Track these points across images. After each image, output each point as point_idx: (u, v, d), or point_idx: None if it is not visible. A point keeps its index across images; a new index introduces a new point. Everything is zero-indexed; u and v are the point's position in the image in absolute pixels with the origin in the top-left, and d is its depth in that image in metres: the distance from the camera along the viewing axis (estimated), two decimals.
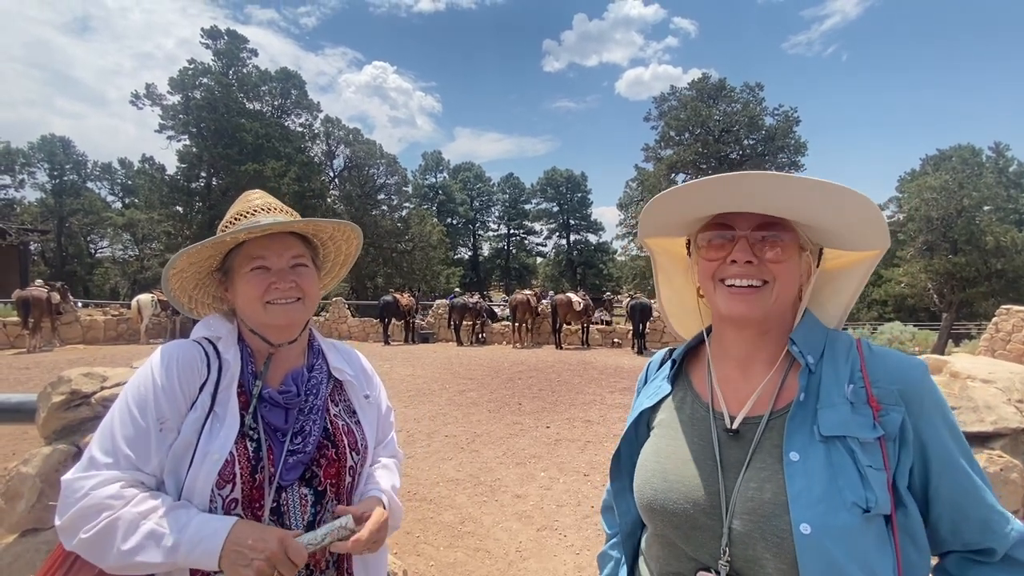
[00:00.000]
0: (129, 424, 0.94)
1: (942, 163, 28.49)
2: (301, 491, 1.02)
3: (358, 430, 1.15)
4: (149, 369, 1.00)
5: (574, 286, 33.73)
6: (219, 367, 1.02)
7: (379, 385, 1.28)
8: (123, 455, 0.92)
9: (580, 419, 6.52)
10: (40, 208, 37.80)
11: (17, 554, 1.62)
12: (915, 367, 0.77)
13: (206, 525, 0.89)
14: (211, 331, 1.07)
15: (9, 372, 9.26)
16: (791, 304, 0.84)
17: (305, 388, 1.09)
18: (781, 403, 0.80)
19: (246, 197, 1.15)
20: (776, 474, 0.73)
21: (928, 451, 0.74)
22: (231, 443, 0.96)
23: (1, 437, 5.24)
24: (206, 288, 1.18)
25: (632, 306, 13.55)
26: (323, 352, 1.19)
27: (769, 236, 0.80)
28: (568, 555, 3.27)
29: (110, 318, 15.07)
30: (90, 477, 0.90)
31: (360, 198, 35.41)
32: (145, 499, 0.90)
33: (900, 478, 0.72)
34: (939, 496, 0.74)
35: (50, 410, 1.67)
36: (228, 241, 1.04)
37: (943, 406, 0.77)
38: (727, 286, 0.81)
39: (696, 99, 34.10)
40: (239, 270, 1.06)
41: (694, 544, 0.78)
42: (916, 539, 0.73)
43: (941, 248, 23.66)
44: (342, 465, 1.08)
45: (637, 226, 0.96)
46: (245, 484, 0.96)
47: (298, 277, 1.06)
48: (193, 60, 31.00)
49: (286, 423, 1.04)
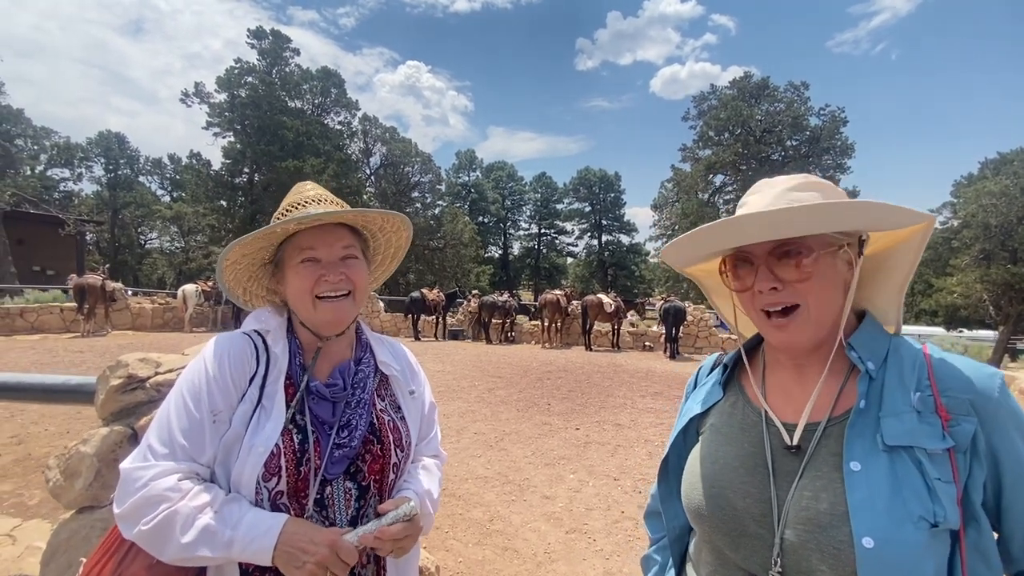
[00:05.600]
0: (184, 415, 0.96)
1: (1003, 167, 26.81)
2: (346, 485, 1.02)
3: (403, 426, 1.13)
4: (202, 361, 1.01)
5: (605, 287, 33.43)
6: (268, 360, 1.02)
7: (424, 381, 1.27)
8: (179, 446, 0.94)
9: (610, 422, 6.44)
10: (96, 200, 39.99)
11: (74, 530, 1.69)
12: (990, 376, 0.73)
13: (259, 523, 0.90)
14: (261, 324, 1.08)
15: (65, 355, 9.82)
16: (840, 308, 0.80)
17: (352, 382, 1.08)
18: (839, 410, 0.76)
19: (299, 188, 1.14)
20: (833, 483, 0.70)
21: (1001, 464, 0.70)
22: (276, 436, 0.97)
23: (57, 415, 5.56)
24: (259, 280, 1.18)
25: (666, 309, 13.26)
26: (371, 346, 1.18)
27: (785, 255, 0.77)
28: (597, 559, 3.23)
29: (157, 306, 15.80)
30: (149, 467, 0.92)
31: (395, 195, 36.02)
32: (200, 492, 0.92)
33: (974, 492, 0.68)
34: (1012, 511, 0.70)
35: (108, 392, 1.74)
36: (279, 232, 1.04)
37: (1019, 417, 0.72)
38: (767, 315, 0.80)
39: (737, 98, 33.21)
40: (289, 262, 1.05)
41: (743, 552, 0.76)
42: (988, 558, 0.69)
43: (999, 257, 22.32)
44: (386, 461, 1.07)
45: (665, 252, 0.94)
46: (290, 477, 0.96)
47: (348, 269, 1.06)
48: (239, 59, 32.23)
49: (333, 416, 1.04)
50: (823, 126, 32.47)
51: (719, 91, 34.65)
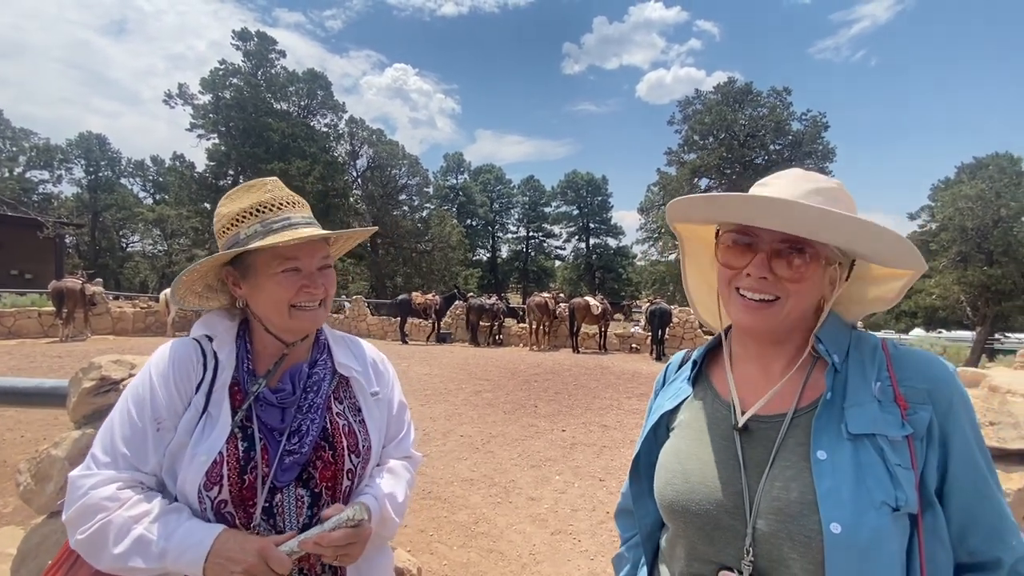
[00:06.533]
0: (127, 424, 0.94)
1: (978, 171, 27.45)
2: (298, 492, 0.99)
3: (361, 430, 1.09)
4: (148, 368, 0.99)
5: (592, 290, 33.55)
6: (215, 366, 1.00)
7: (391, 381, 1.22)
8: (120, 454, 0.93)
9: (596, 424, 6.47)
10: (76, 203, 39.28)
11: (44, 535, 1.66)
12: (944, 366, 0.76)
13: (192, 534, 0.88)
14: (208, 328, 1.05)
15: (43, 360, 9.60)
16: (813, 310, 0.82)
17: (305, 385, 1.05)
18: (805, 401, 0.78)
19: (264, 186, 1.07)
20: (802, 473, 0.72)
21: (950, 449, 0.72)
22: (221, 444, 0.94)
23: (33, 422, 5.43)
24: (203, 278, 1.10)
25: (652, 312, 13.41)
26: (329, 346, 1.14)
27: (789, 252, 0.77)
28: (582, 560, 3.24)
29: (139, 310, 15.53)
30: (90, 476, 0.91)
31: (382, 198, 35.89)
32: (139, 502, 0.90)
33: (929, 478, 0.71)
34: (952, 496, 0.72)
35: (80, 395, 1.72)
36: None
37: (970, 408, 0.76)
38: (741, 295, 0.80)
39: (721, 103, 33.66)
40: (266, 269, 1.00)
41: (717, 545, 0.77)
42: (943, 540, 0.71)
43: (976, 259, 22.87)
44: (339, 468, 1.03)
45: (665, 211, 0.94)
46: (233, 485, 0.94)
47: (325, 279, 1.05)
48: (224, 61, 31.95)
49: (282, 422, 1.00)
50: (805, 131, 33.05)
51: (704, 96, 35.08)
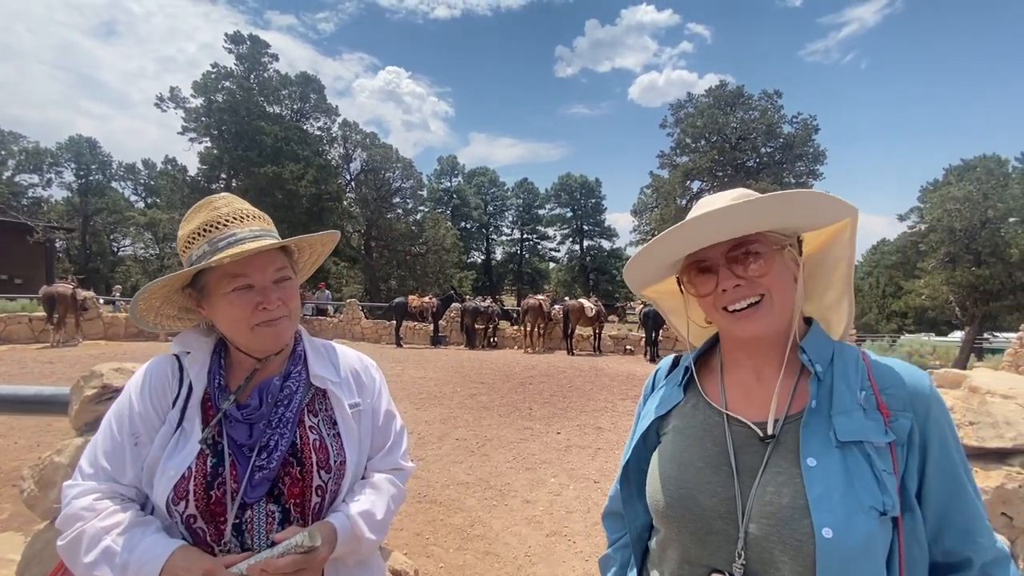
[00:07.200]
0: (108, 438, 0.99)
1: (966, 173, 27.83)
2: (269, 508, 0.99)
3: (334, 445, 1.06)
4: (129, 384, 1.04)
5: (587, 292, 33.66)
6: (190, 383, 1.02)
7: (377, 390, 1.19)
8: (101, 467, 0.98)
9: (591, 426, 6.51)
10: (66, 207, 38.89)
11: (48, 540, 1.68)
12: (921, 376, 0.81)
13: (152, 549, 0.90)
14: (183, 345, 1.06)
15: (34, 366, 9.51)
16: (799, 315, 0.86)
17: (275, 399, 1.03)
18: (794, 409, 0.81)
19: (212, 204, 1.04)
20: (793, 479, 0.74)
21: (928, 454, 0.76)
22: (191, 459, 0.96)
23: (26, 428, 5.39)
24: (172, 301, 1.10)
25: (646, 314, 13.47)
26: (305, 357, 1.11)
27: (743, 255, 0.82)
28: (577, 561, 3.27)
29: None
30: (75, 486, 0.97)
31: (376, 201, 35.77)
32: (113, 513, 0.93)
33: (909, 482, 0.74)
34: (929, 499, 0.76)
35: (82, 403, 1.74)
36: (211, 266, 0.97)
37: (947, 413, 0.80)
38: (730, 312, 0.84)
39: (713, 106, 33.89)
40: (218, 290, 0.98)
41: (709, 548, 0.79)
42: (921, 541, 0.75)
43: (964, 260, 23.14)
44: (306, 484, 1.02)
45: (629, 276, 0.99)
46: (199, 500, 0.95)
47: (283, 292, 1.02)
48: (216, 64, 31.74)
49: (251, 438, 1.00)
50: (796, 133, 33.29)
51: (695, 99, 35.31)
